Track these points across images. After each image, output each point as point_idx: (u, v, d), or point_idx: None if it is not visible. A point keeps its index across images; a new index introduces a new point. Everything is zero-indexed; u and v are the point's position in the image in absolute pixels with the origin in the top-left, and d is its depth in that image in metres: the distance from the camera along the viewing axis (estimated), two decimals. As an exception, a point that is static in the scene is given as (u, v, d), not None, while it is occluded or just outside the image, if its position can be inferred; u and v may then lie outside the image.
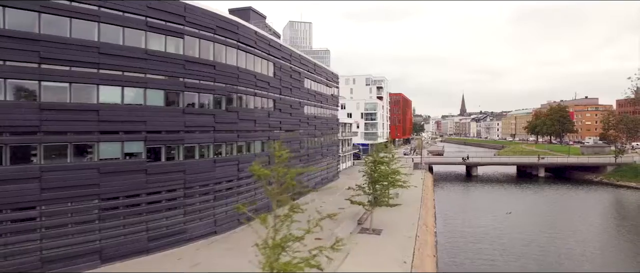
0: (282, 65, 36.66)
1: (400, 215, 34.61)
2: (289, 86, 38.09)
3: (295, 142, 39.81)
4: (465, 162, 76.33)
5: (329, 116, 51.72)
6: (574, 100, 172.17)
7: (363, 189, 29.55)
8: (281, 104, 36.30)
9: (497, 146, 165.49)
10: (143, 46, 22.20)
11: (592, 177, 68.31)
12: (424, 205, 41.02)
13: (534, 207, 46.31)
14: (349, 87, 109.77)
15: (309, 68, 44.21)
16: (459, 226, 37.50)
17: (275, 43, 35.25)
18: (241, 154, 29.79)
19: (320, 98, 48.04)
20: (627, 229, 37.30)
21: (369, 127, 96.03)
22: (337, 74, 56.20)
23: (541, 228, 36.69)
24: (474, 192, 58.99)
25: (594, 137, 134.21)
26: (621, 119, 68.75)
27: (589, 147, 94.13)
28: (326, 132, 50.51)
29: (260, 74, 32.25)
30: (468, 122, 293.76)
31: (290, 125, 38.61)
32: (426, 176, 64.68)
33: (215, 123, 26.77)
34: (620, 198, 54.22)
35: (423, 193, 47.23)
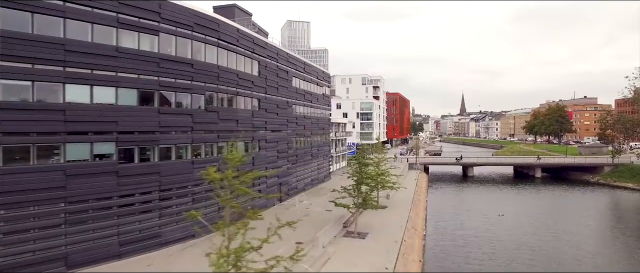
0: (268, 64, 35.80)
1: (389, 217, 33.77)
2: (275, 85, 37.23)
3: (282, 142, 38.96)
4: (459, 162, 75.51)
5: (319, 116, 50.86)
6: (573, 100, 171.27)
7: (348, 191, 28.65)
8: (267, 104, 35.44)
9: (495, 146, 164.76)
10: (114, 43, 21.34)
11: (589, 178, 67.48)
12: (415, 207, 40.18)
13: (528, 209, 45.44)
14: (345, 86, 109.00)
15: (298, 67, 43.35)
16: (450, 228, 36.62)
17: (260, 41, 34.39)
18: (222, 155, 28.88)
19: (310, 97, 47.18)
20: (622, 231, 36.43)
21: (365, 126, 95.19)
22: (329, 73, 55.33)
23: (534, 231, 35.82)
24: (469, 193, 58.12)
25: (592, 137, 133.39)
26: (618, 118, 67.85)
27: (586, 147, 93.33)
28: (317, 132, 49.65)
29: (243, 72, 31.40)
30: (467, 122, 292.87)
31: (277, 125, 37.76)
32: (421, 177, 63.85)
33: (194, 123, 25.93)
34: (616, 200, 53.36)
35: (415, 195, 46.42)
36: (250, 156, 32.63)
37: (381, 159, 38.76)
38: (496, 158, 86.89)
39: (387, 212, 36.23)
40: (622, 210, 47.34)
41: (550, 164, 74.08)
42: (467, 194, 57.26)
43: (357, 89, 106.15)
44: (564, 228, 36.67)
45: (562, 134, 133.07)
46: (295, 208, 36.25)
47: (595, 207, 48.01)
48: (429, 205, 47.32)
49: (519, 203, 48.99)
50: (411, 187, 50.77)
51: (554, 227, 36.99)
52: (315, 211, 35.17)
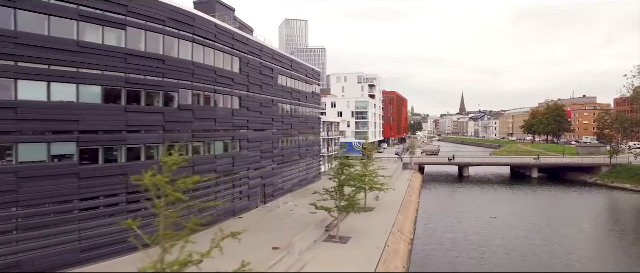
0: (251, 61, 34.51)
1: (376, 220, 32.53)
2: (258, 83, 35.94)
3: (267, 141, 37.68)
4: (451, 162, 74.32)
5: (309, 115, 49.57)
6: (572, 99, 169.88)
7: (330, 194, 27.36)
8: (249, 102, 34.16)
9: (494, 146, 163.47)
10: (75, 37, 20.06)
11: (586, 178, 66.20)
12: (405, 209, 38.93)
13: (522, 211, 44.15)
14: (341, 85, 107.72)
15: (284, 64, 42.05)
16: (439, 232, 35.34)
17: (242, 37, 33.10)
18: (198, 156, 27.66)
19: (298, 96, 45.88)
20: (618, 235, 35.15)
21: (360, 126, 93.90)
22: (319, 71, 54.04)
23: (527, 235, 34.55)
24: (463, 194, 56.84)
25: (591, 136, 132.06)
26: (616, 118, 66.50)
27: (584, 147, 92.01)
28: (306, 131, 48.37)
29: (222, 69, 30.11)
30: (466, 121, 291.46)
31: (261, 124, 36.49)
32: (415, 177, 62.61)
33: (166, 122, 24.65)
34: (613, 202, 52.10)
35: (407, 196, 45.19)
36: (231, 156, 31.41)
37: (370, 160, 37.61)
38: (492, 159, 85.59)
39: (374, 214, 35.00)
40: (619, 213, 46.09)
41: (547, 164, 72.81)
42: (462, 195, 55.98)
43: (352, 88, 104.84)
44: (558, 231, 35.38)
45: (560, 134, 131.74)
46: (278, 211, 35.02)
47: (592, 209, 46.72)
48: (421, 206, 46.03)
49: (514, 205, 47.72)
50: (403, 188, 49.55)
51: (548, 231, 35.68)
52: (300, 213, 33.90)
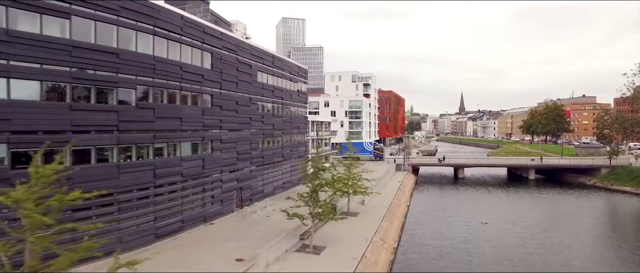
0: (225, 57, 32.29)
1: (357, 227, 30.33)
2: (234, 80, 33.73)
3: (244, 142, 35.48)
4: (442, 163, 72.26)
5: (293, 114, 47.36)
6: (571, 99, 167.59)
7: (304, 199, 25.17)
8: (222, 100, 31.94)
9: (492, 146, 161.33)
10: (4, 25, 17.85)
11: (585, 180, 64.12)
12: (391, 214, 36.74)
13: (517, 215, 41.92)
14: (335, 84, 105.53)
15: (265, 60, 39.83)
16: (426, 238, 33.18)
17: (214, 31, 30.88)
18: (161, 158, 25.45)
19: (281, 94, 43.65)
20: (617, 242, 33.05)
21: (353, 125, 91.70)
22: (306, 68, 51.78)
23: (520, 242, 32.40)
24: (456, 197, 54.65)
25: (591, 136, 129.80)
26: (616, 117, 64.29)
27: (583, 147, 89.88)
28: (290, 131, 46.17)
29: (189, 65, 27.89)
30: (465, 121, 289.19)
31: (237, 123, 34.29)
32: (407, 179, 60.44)
33: (120, 121, 22.44)
34: (613, 205, 49.90)
35: (395, 199, 43.00)
36: (200, 158, 29.21)
37: (353, 162, 35.46)
38: (488, 160, 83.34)
39: (357, 220, 32.81)
40: (619, 218, 43.92)
41: (545, 166, 70.70)
42: (455, 198, 53.80)
43: (347, 87, 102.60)
44: (554, 239, 33.18)
45: (559, 134, 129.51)
46: (255, 216, 32.82)
47: (590, 213, 44.49)
48: (410, 210, 43.84)
49: (508, 209, 45.50)
50: (393, 191, 47.37)
51: (542, 238, 33.50)
52: (276, 219, 31.66)
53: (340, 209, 35.38)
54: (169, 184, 25.78)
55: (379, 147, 79.78)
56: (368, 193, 35.28)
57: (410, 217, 41.03)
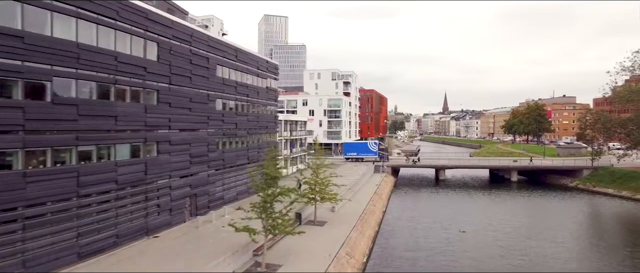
0: (175, 47, 28.62)
1: (322, 239, 27.12)
2: (187, 74, 30.08)
3: (199, 143, 31.87)
4: (415, 165, 69.91)
5: (261, 112, 43.87)
6: (552, 98, 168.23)
7: (255, 210, 21.81)
8: (172, 96, 28.28)
9: (474, 146, 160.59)
10: None
11: (567, 182, 62.44)
12: (364, 221, 33.64)
13: (498, 221, 39.34)
14: (314, 82, 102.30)
15: (227, 54, 36.24)
16: (400, 250, 30.18)
17: (161, 17, 27.16)
18: (88, 163, 21.69)
19: (246, 90, 40.14)
20: (599, 250, 30.68)
21: (332, 125, 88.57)
22: (275, 64, 48.27)
23: (501, 252, 29.75)
24: (436, 201, 51.98)
25: (571, 136, 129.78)
26: (598, 118, 62.69)
27: (565, 147, 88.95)
28: (257, 131, 42.68)
29: (127, 55, 24.16)
30: (448, 121, 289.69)
31: (190, 123, 30.65)
32: (385, 181, 57.58)
33: (27, 120, 18.62)
34: (596, 209, 47.96)
35: (370, 205, 39.98)
36: (142, 162, 25.50)
37: (320, 165, 32.23)
38: (470, 161, 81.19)
39: (323, 230, 29.59)
40: (604, 223, 41.79)
41: (527, 167, 68.95)
42: (434, 202, 51.11)
43: (326, 85, 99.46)
44: (537, 248, 30.59)
45: (541, 134, 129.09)
46: (209, 226, 29.25)
47: (574, 218, 42.28)
48: (386, 216, 40.87)
49: (489, 214, 42.92)
50: (368, 195, 44.37)
51: (525, 247, 30.90)
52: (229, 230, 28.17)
53: (307, 218, 32.19)
54: (99, 194, 22.04)
55: (384, 147, 76.59)
56: (337, 200, 32.12)
57: (386, 224, 38.03)
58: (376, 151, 73.96)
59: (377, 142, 78.84)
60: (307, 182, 31.38)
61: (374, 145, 75.29)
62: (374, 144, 75.52)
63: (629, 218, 42.86)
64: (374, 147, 74.59)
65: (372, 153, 73.58)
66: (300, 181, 32.87)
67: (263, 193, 21.35)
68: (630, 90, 59.53)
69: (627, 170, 58.50)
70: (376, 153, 73.64)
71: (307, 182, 31.43)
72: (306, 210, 32.70)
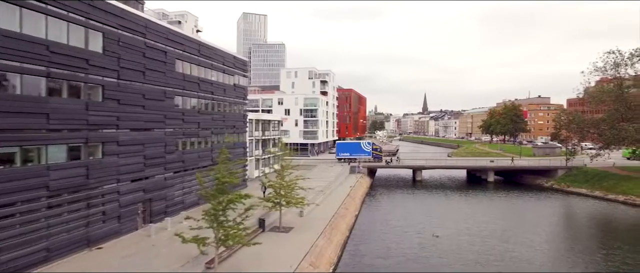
0: (125, 38, 26.04)
1: (285, 248, 25.06)
2: (139, 68, 27.53)
3: (155, 144, 29.32)
4: (388, 165, 68.72)
5: (228, 111, 41.46)
6: (528, 99, 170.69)
7: (206, 219, 19.61)
8: (121, 93, 25.69)
9: (453, 146, 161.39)
10: None
11: (542, 182, 62.23)
12: (333, 227, 31.72)
13: (474, 224, 38.09)
14: (291, 81, 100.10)
15: (188, 47, 33.75)
16: (370, 257, 28.38)
17: (107, 5, 24.51)
18: (9, 167, 18.97)
19: (211, 88, 37.70)
20: (575, 254, 29.63)
21: (309, 124, 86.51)
22: (244, 60, 45.83)
23: (477, 258, 28.31)
24: (412, 203, 50.58)
25: (546, 136, 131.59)
26: (573, 118, 62.72)
27: (540, 147, 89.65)
28: (222, 130, 40.25)
29: (64, 45, 21.51)
30: (427, 121, 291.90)
31: (144, 122, 28.09)
32: (360, 183, 55.90)
33: None
34: (569, 209, 47.52)
35: (342, 209, 38.14)
36: (84, 165, 22.87)
37: (286, 167, 30.16)
38: (447, 161, 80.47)
39: (288, 238, 27.53)
40: (578, 224, 41.08)
41: (503, 167, 68.64)
42: (410, 204, 49.67)
43: (303, 84, 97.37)
44: (515, 253, 29.35)
45: (517, 133, 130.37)
46: (164, 234, 26.78)
47: (549, 219, 41.53)
48: (359, 220, 39.07)
49: (466, 216, 41.69)
50: (341, 198, 42.54)
51: (502, 251, 29.61)
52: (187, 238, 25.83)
53: (272, 224, 30.08)
54: (23, 202, 19.37)
55: (377, 148, 74.23)
56: (304, 205, 30.11)
57: (358, 228, 36.21)
58: (370, 151, 71.98)
59: (370, 142, 76.66)
60: (272, 186, 29.28)
61: (368, 145, 73.00)
62: (368, 144, 73.25)
63: (602, 219, 42.48)
64: (368, 147, 72.44)
65: (365, 153, 71.48)
66: (264, 185, 30.73)
67: (213, 201, 19.16)
68: (602, 90, 59.71)
69: (599, 170, 58.78)
70: (370, 153, 71.61)
71: (271, 186, 29.33)
72: (271, 215, 30.63)
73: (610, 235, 35.83)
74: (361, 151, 71.25)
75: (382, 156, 72.97)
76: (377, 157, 71.47)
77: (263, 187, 32.76)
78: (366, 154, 71.01)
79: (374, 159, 70.54)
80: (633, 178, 53.65)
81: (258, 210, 30.57)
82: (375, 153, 71.61)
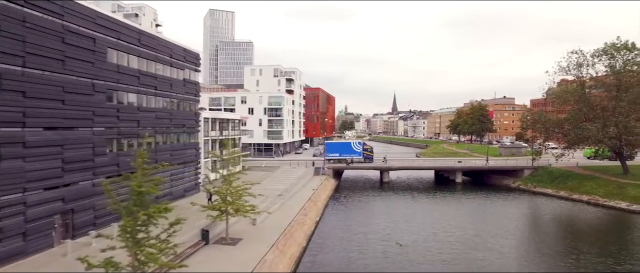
0: (33, 19, 21.84)
1: (229, 264, 21.67)
2: (57, 56, 23.35)
3: (79, 146, 25.15)
4: (349, 167, 66.51)
5: (175, 108, 37.48)
6: (494, 99, 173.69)
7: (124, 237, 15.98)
8: (28, 84, 21.49)
9: (421, 145, 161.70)
10: None
11: (510, 182, 61.50)
12: (288, 236, 28.55)
13: (442, 228, 35.92)
14: (255, 78, 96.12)
15: (124, 36, 29.64)
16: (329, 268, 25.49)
17: (6, -24, 20.32)
18: None
19: (155, 82, 33.68)
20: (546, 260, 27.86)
21: (273, 124, 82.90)
22: (196, 53, 41.80)
23: (442, 266, 26.08)
24: (378, 206, 48.11)
25: (511, 136, 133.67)
26: (538, 117, 62.36)
27: (506, 147, 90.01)
28: (170, 130, 36.27)
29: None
30: (396, 121, 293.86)
31: (63, 118, 23.94)
32: (325, 185, 53.02)
33: None
34: (537, 211, 46.51)
35: (300, 215, 35.07)
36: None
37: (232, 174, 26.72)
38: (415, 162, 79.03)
39: (235, 251, 24.16)
40: (547, 227, 39.75)
41: (471, 168, 67.67)
42: (376, 207, 47.16)
43: (268, 82, 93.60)
44: (484, 261, 27.28)
45: (484, 133, 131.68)
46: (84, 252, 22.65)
47: (518, 222, 40.04)
48: (320, 227, 36.02)
49: (433, 220, 39.52)
50: (301, 203, 39.45)
51: (470, 259, 27.46)
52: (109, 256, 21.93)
53: (218, 235, 26.59)
54: None
55: (368, 148, 70.85)
56: (254, 213, 26.77)
57: (318, 236, 33.17)
58: (360, 152, 68.92)
59: (361, 142, 73.53)
60: (218, 192, 25.80)
61: (358, 145, 69.78)
62: (358, 144, 70.04)
63: (570, 221, 41.70)
64: (358, 147, 69.27)
65: (356, 154, 68.32)
66: (210, 192, 27.19)
67: (126, 217, 15.56)
68: (566, 90, 59.61)
69: (563, 170, 58.76)
70: (360, 154, 68.58)
71: (217, 192, 25.84)
72: (218, 225, 27.08)
73: (579, 238, 34.61)
74: (351, 151, 68.40)
75: (373, 156, 70.33)
76: (368, 157, 68.88)
77: (208, 194, 29.16)
78: (357, 155, 68.27)
79: (364, 160, 67.94)
80: (595, 178, 53.68)
81: (203, 220, 27.16)
82: (366, 154, 68.96)
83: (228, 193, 25.58)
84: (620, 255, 28.43)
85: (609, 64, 53.92)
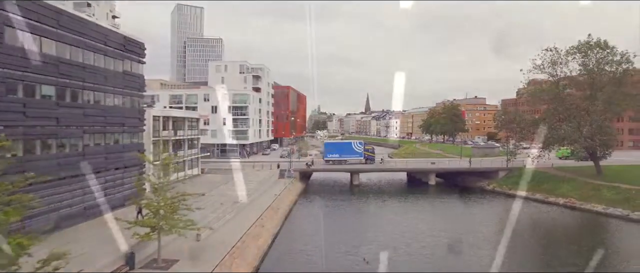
0: None
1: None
2: None
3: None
4: (309, 168, 63.02)
5: (111, 105, 32.33)
6: (466, 99, 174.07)
7: None
8: None
9: (394, 145, 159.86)
10: None
11: (484, 184, 59.11)
12: (238, 254, 24.24)
13: (414, 237, 32.50)
14: (221, 75, 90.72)
15: (35, 14, 24.43)
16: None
17: None
18: None
19: (82, 73, 28.49)
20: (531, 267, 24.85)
21: (238, 123, 77.93)
22: (140, 42, 36.39)
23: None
24: (346, 212, 44.37)
25: (482, 136, 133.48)
26: (514, 117, 60.33)
27: (480, 148, 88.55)
28: (105, 129, 31.15)
29: None
30: (369, 120, 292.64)
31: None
32: (290, 189, 48.84)
33: None
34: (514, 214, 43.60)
35: (256, 226, 30.75)
36: None
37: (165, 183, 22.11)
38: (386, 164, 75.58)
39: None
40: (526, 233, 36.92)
41: (445, 169, 65.05)
42: (344, 214, 43.38)
43: (234, 79, 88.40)
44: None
45: (456, 133, 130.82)
46: None
47: (494, 228, 37.26)
48: (278, 240, 31.67)
49: (405, 228, 36.05)
50: (259, 211, 35.15)
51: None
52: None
53: (150, 256, 21.96)
54: None
55: (369, 149, 66.57)
56: (193, 229, 22.25)
57: (275, 251, 28.91)
58: (361, 152, 64.79)
59: (362, 142, 69.53)
60: (149, 206, 21.20)
61: (359, 145, 65.72)
62: (359, 145, 66.02)
63: (549, 226, 39.67)
64: (359, 147, 65.14)
65: (356, 154, 64.26)
66: (140, 206, 22.53)
67: None
68: (541, 89, 57.89)
69: (538, 171, 56.83)
70: (361, 154, 64.52)
71: (148, 206, 21.24)
72: (148, 246, 22.41)
73: (559, 245, 31.99)
74: (352, 152, 64.47)
75: (374, 157, 66.54)
76: (370, 158, 65.02)
77: (138, 209, 24.49)
78: (358, 156, 64.43)
79: (366, 161, 64.09)
80: (571, 179, 52.10)
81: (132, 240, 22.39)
82: (367, 154, 65.14)
83: (160, 206, 21.02)
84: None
85: (582, 62, 52.53)
